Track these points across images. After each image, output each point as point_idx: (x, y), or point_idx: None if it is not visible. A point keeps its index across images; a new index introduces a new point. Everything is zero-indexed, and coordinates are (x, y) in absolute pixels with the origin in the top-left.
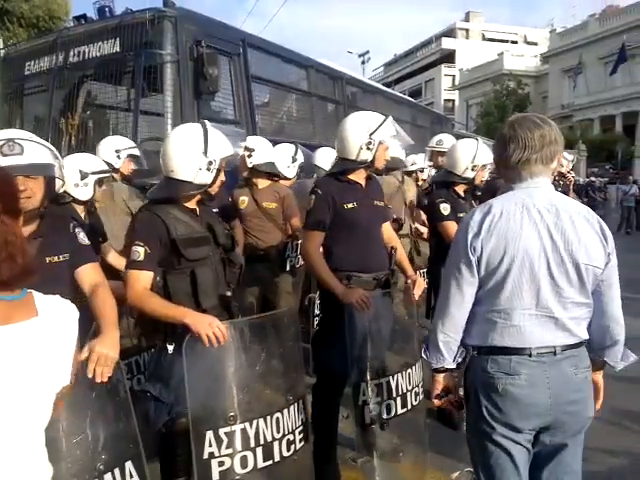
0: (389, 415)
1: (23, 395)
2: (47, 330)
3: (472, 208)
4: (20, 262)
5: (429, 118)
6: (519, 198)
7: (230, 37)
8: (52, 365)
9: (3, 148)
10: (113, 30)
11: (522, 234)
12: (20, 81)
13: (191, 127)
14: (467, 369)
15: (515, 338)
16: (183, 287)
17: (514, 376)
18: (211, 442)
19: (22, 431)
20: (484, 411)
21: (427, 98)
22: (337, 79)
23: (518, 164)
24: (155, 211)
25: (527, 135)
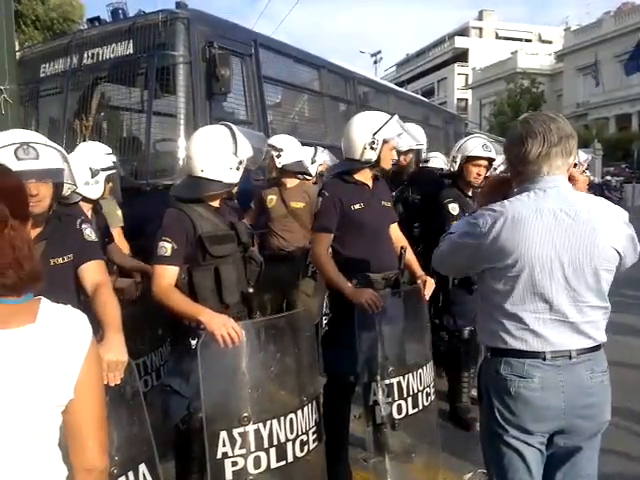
0: (400, 415)
1: (15, 401)
2: (44, 339)
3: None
4: (27, 268)
5: (442, 117)
6: (532, 200)
7: (242, 38)
8: (49, 375)
9: (18, 152)
10: (126, 32)
11: (534, 239)
12: (35, 83)
13: (218, 128)
14: (480, 370)
15: (529, 342)
16: (207, 283)
17: (527, 379)
18: (225, 442)
19: (18, 439)
20: (496, 413)
21: (440, 97)
22: (349, 79)
23: (538, 158)
24: (182, 209)
25: (544, 128)
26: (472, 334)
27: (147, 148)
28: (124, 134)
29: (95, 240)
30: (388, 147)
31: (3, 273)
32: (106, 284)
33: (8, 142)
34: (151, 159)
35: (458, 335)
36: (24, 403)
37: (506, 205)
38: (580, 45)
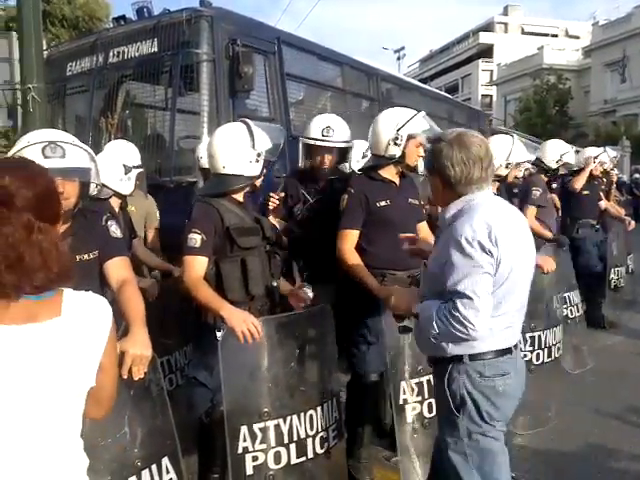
0: (431, 415)
1: (45, 392)
2: (70, 330)
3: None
4: (56, 270)
5: (466, 114)
6: (496, 209)
7: (265, 35)
8: (75, 364)
9: (45, 150)
10: (151, 30)
11: (516, 243)
12: (62, 81)
13: (235, 125)
14: (451, 379)
15: (508, 337)
16: (234, 273)
17: (507, 375)
18: (245, 437)
19: (45, 427)
20: (484, 414)
21: (464, 94)
22: (372, 76)
23: (480, 179)
24: (210, 202)
25: (485, 151)
26: None
27: (171, 145)
28: (148, 131)
29: (120, 237)
30: (414, 143)
31: (31, 276)
32: (131, 280)
33: (36, 140)
34: (175, 156)
35: None
36: (53, 394)
37: (490, 215)
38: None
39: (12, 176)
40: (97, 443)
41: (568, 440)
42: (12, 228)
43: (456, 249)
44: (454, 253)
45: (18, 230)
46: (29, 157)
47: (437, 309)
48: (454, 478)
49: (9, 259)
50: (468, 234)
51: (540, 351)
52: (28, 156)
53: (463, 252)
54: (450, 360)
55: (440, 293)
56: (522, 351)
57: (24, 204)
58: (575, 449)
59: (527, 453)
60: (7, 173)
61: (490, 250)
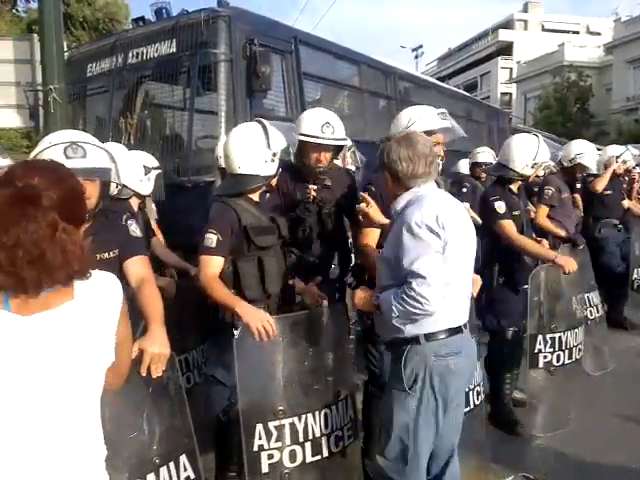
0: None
1: (67, 376)
2: (84, 312)
3: (526, 206)
4: (77, 268)
5: (485, 112)
6: (440, 199)
7: (282, 35)
8: (93, 344)
9: (67, 150)
10: (169, 31)
11: (458, 229)
12: (83, 82)
13: (250, 125)
14: (407, 359)
15: (457, 317)
16: (251, 272)
17: (459, 353)
18: (261, 435)
19: (70, 409)
20: (437, 392)
21: (483, 92)
22: (389, 74)
23: (430, 171)
24: (227, 202)
25: (429, 149)
26: (516, 335)
27: (189, 145)
28: (167, 131)
29: (140, 236)
30: (438, 138)
31: (52, 274)
32: (149, 279)
33: (58, 141)
34: (193, 156)
35: (501, 336)
36: (73, 375)
37: (437, 203)
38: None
39: (41, 177)
40: (116, 439)
41: (588, 442)
42: (37, 226)
43: (407, 233)
44: (406, 237)
45: (43, 228)
46: (51, 157)
47: (394, 294)
48: (396, 448)
49: (31, 255)
50: (417, 219)
51: (561, 352)
52: (50, 156)
53: (414, 235)
54: (407, 342)
55: (395, 278)
56: (542, 352)
57: (50, 204)
58: (595, 451)
59: (547, 455)
60: (37, 174)
61: (437, 232)
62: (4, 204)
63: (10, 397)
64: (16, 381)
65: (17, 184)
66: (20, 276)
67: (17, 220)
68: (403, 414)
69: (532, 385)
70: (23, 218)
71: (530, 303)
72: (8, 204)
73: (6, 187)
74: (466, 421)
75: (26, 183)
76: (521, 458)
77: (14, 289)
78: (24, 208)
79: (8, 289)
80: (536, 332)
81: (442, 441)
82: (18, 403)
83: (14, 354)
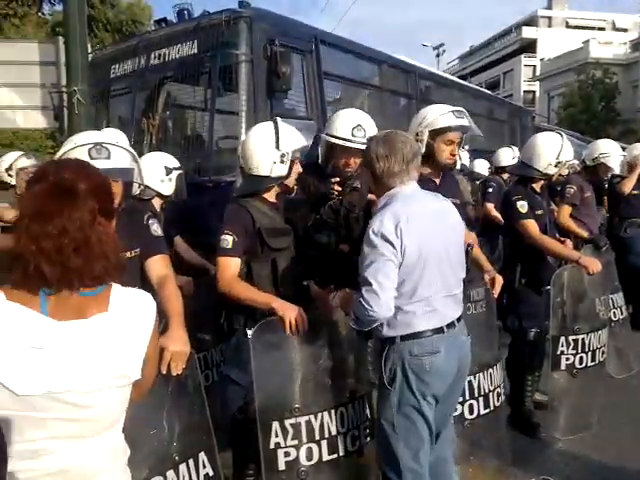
0: (472, 416)
1: (95, 382)
2: (116, 325)
3: (549, 205)
4: (112, 260)
5: (507, 111)
6: (415, 202)
7: (303, 35)
8: (121, 358)
9: (91, 151)
10: (191, 32)
11: (429, 233)
12: (106, 84)
13: (263, 126)
14: (387, 357)
15: (434, 320)
16: (265, 274)
17: (436, 353)
18: (277, 432)
19: (102, 415)
20: (414, 388)
21: (505, 90)
22: (410, 73)
23: (400, 171)
24: (241, 203)
25: (408, 147)
26: (538, 336)
27: (210, 145)
28: (188, 132)
29: (161, 235)
30: (442, 140)
31: (92, 266)
32: (170, 278)
33: (83, 142)
34: (213, 156)
35: (523, 337)
36: (100, 385)
37: (397, 209)
38: None
39: (72, 172)
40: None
41: (610, 446)
42: (80, 213)
43: (365, 241)
44: (364, 244)
45: (85, 215)
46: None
47: (355, 299)
48: (385, 444)
49: (77, 242)
50: (375, 227)
51: (583, 354)
52: (76, 157)
53: (370, 243)
54: (386, 340)
55: None
56: (564, 354)
57: (86, 193)
58: (617, 455)
59: (568, 458)
60: (67, 170)
61: (392, 241)
62: (45, 196)
63: (44, 396)
64: (46, 382)
65: (51, 179)
66: (66, 266)
67: (60, 209)
68: (387, 411)
69: (554, 387)
70: (65, 207)
71: (553, 304)
72: (49, 195)
73: (42, 182)
74: (486, 423)
75: (59, 177)
76: (542, 461)
77: (58, 283)
78: (64, 198)
79: (52, 285)
80: (559, 334)
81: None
82: (49, 404)
83: (47, 355)
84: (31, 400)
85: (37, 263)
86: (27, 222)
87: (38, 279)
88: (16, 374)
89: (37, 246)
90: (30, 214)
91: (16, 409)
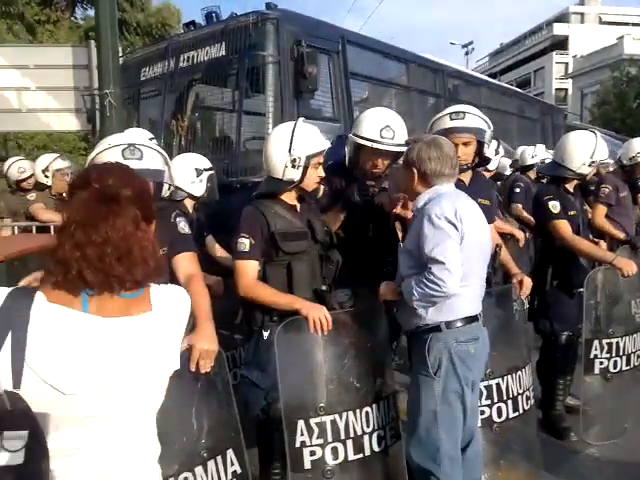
0: (500, 419)
1: (139, 379)
2: (159, 323)
3: (582, 205)
4: (152, 265)
5: (538, 109)
6: (460, 197)
7: (329, 35)
8: (164, 352)
9: (125, 152)
10: (219, 34)
11: (475, 226)
12: (137, 86)
13: (283, 127)
14: (430, 348)
15: (473, 307)
16: (279, 278)
17: (477, 339)
18: (302, 431)
19: (140, 411)
20: (460, 376)
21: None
22: (438, 72)
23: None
24: (257, 206)
25: (453, 152)
26: (570, 339)
27: (237, 146)
28: (216, 133)
29: (188, 233)
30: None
31: (133, 271)
32: (198, 275)
33: (117, 143)
34: (241, 157)
35: (554, 340)
36: (146, 378)
37: (455, 200)
38: None
39: (115, 177)
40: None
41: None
42: (124, 221)
43: (428, 224)
44: (427, 227)
45: (129, 223)
46: (110, 158)
47: (415, 279)
48: (423, 434)
49: (120, 251)
50: (437, 211)
51: (618, 358)
52: (109, 158)
53: (434, 225)
54: (429, 331)
55: (416, 267)
56: (598, 358)
57: (129, 201)
58: None
59: (601, 464)
60: (110, 175)
61: (455, 224)
62: (89, 204)
63: (88, 394)
64: (92, 380)
65: (95, 186)
66: (108, 273)
67: (104, 217)
68: (429, 400)
69: (587, 392)
70: (110, 215)
71: (586, 307)
72: (94, 203)
73: (86, 189)
74: (516, 426)
75: (103, 184)
76: (573, 467)
77: (100, 287)
78: (109, 206)
79: (93, 288)
80: (592, 337)
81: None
82: (93, 402)
83: (94, 352)
84: (77, 399)
85: (80, 269)
86: (73, 229)
87: (80, 283)
88: (63, 374)
89: (81, 253)
90: (75, 221)
91: (60, 408)
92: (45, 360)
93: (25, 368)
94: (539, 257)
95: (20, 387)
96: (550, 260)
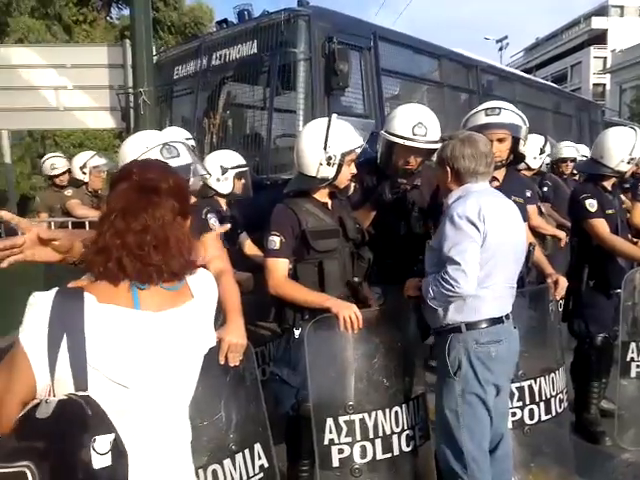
0: (532, 421)
1: (187, 364)
2: (200, 308)
3: (621, 204)
4: (187, 258)
5: (575, 105)
6: (488, 196)
7: (361, 31)
8: (204, 336)
9: (163, 151)
10: (251, 32)
11: (502, 225)
12: (170, 85)
13: (317, 123)
14: (450, 348)
15: (497, 309)
16: (310, 276)
17: (500, 341)
18: (331, 429)
19: (183, 394)
20: (480, 378)
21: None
22: (471, 67)
23: (488, 171)
24: (288, 204)
25: (488, 149)
26: (606, 341)
27: (268, 144)
28: (247, 130)
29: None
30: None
31: (170, 263)
32: (228, 271)
33: (154, 144)
34: (271, 154)
35: (589, 341)
36: (191, 362)
37: (480, 199)
38: None
39: (154, 171)
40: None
41: None
42: (163, 211)
43: (449, 222)
44: (447, 226)
45: (167, 213)
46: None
47: (433, 278)
48: (446, 435)
49: (158, 239)
50: (460, 211)
51: None
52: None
53: (454, 224)
54: (450, 331)
55: (437, 265)
56: (635, 361)
57: (168, 193)
58: None
59: (636, 470)
60: (150, 169)
61: (476, 224)
62: (130, 194)
63: (147, 386)
64: (151, 371)
65: (135, 178)
66: (146, 261)
67: (144, 207)
68: (451, 400)
69: (622, 395)
70: (149, 205)
71: (623, 308)
72: (135, 194)
73: (127, 181)
74: (548, 429)
75: (144, 176)
76: (607, 472)
77: (138, 276)
78: (149, 196)
79: (132, 278)
80: (629, 339)
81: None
82: (152, 390)
83: (150, 346)
84: (138, 392)
85: (119, 256)
86: (113, 218)
87: (118, 271)
88: (125, 370)
89: (122, 240)
90: (117, 210)
91: (122, 401)
92: (107, 359)
93: (89, 369)
94: (575, 257)
95: (87, 388)
96: (586, 260)
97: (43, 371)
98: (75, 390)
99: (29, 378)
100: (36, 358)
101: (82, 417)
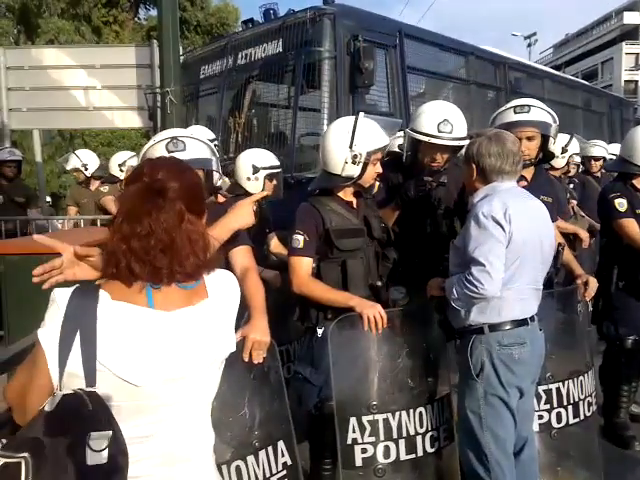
0: (560, 425)
1: (202, 364)
2: (216, 307)
3: None
4: (202, 258)
5: (606, 102)
6: (515, 195)
7: (386, 29)
8: (222, 337)
9: (169, 145)
10: (276, 31)
11: (529, 225)
12: (196, 84)
13: (343, 121)
14: (473, 349)
15: (521, 310)
16: (334, 276)
17: (523, 344)
18: (354, 428)
19: (202, 396)
20: (502, 379)
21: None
22: (498, 64)
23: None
24: (313, 203)
25: (516, 148)
26: (636, 344)
27: (292, 142)
28: (272, 129)
29: None
30: (522, 135)
31: (183, 263)
32: (253, 269)
33: (161, 138)
34: (296, 153)
35: (619, 344)
36: (207, 362)
37: (506, 199)
38: None
39: (165, 171)
40: (220, 421)
41: None
42: (167, 215)
43: (474, 222)
44: (472, 226)
45: (172, 217)
46: (156, 153)
47: (457, 278)
48: (469, 437)
49: (163, 243)
50: (485, 210)
51: None
52: (155, 153)
53: (479, 224)
54: (473, 332)
55: (461, 265)
56: None
57: (175, 195)
58: None
59: None
60: (160, 169)
61: (502, 224)
62: (136, 197)
63: (158, 384)
64: (162, 369)
65: (145, 180)
66: (154, 265)
67: (149, 211)
68: (473, 402)
69: None
70: (154, 209)
71: None
72: (140, 197)
73: (136, 183)
74: (576, 432)
75: (152, 178)
76: (636, 477)
77: (150, 279)
78: (154, 200)
79: (147, 281)
80: None
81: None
82: (164, 391)
83: (161, 344)
84: (147, 389)
85: (127, 261)
86: (120, 222)
87: (129, 275)
88: (135, 368)
89: (127, 245)
90: (123, 214)
91: (132, 399)
92: (117, 356)
93: (98, 366)
94: (604, 257)
95: (95, 385)
96: (616, 260)
97: (57, 366)
98: (86, 386)
99: (46, 372)
100: (51, 353)
101: (80, 412)
